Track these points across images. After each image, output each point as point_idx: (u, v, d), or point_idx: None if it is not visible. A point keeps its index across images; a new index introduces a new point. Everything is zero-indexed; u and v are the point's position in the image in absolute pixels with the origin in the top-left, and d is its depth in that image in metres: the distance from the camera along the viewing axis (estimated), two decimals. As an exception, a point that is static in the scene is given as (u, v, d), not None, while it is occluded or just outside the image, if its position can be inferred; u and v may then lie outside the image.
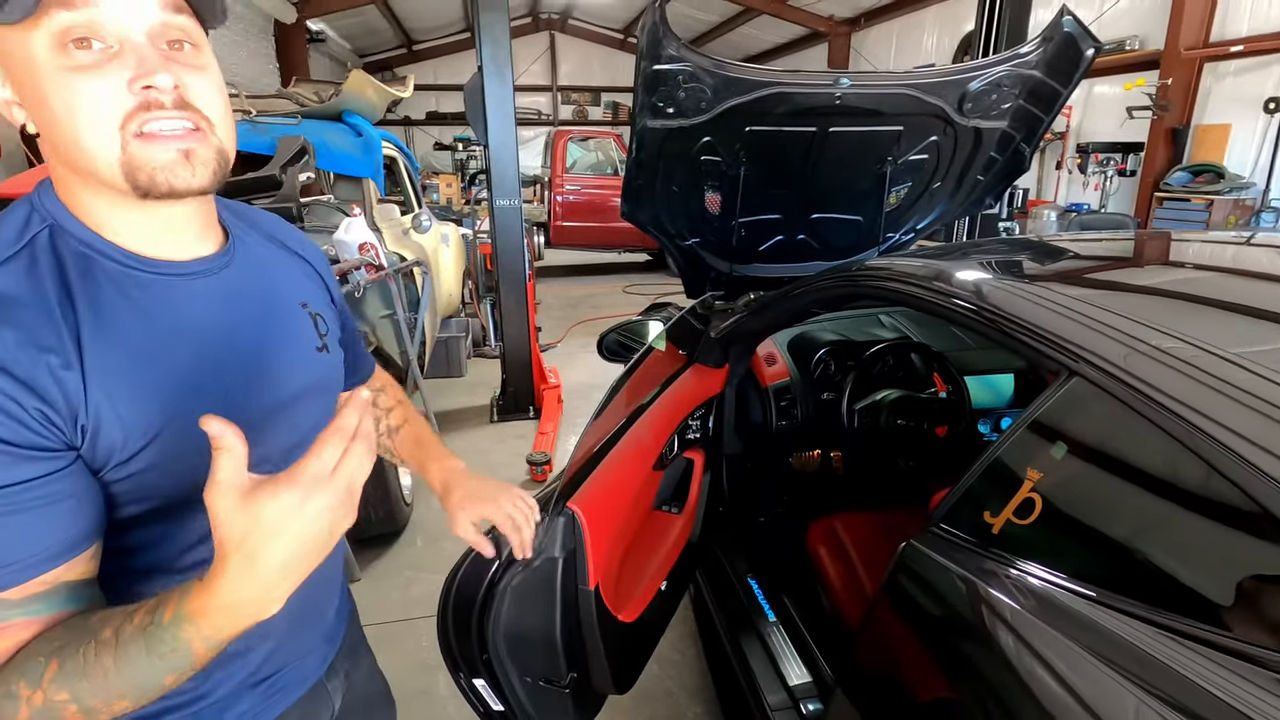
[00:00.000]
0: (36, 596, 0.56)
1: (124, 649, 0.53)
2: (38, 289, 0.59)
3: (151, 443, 0.62)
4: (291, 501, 0.49)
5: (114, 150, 0.58)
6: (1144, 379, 0.75)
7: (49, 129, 0.59)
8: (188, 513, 0.66)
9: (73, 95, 0.56)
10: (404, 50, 14.77)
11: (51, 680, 0.53)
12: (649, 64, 1.76)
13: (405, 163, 4.57)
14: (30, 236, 0.61)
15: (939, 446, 1.93)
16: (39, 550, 0.56)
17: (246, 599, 0.51)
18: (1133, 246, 1.56)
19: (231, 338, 0.70)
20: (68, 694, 0.53)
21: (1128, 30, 6.60)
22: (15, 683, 0.54)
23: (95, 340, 0.60)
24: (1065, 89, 2.03)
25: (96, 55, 0.57)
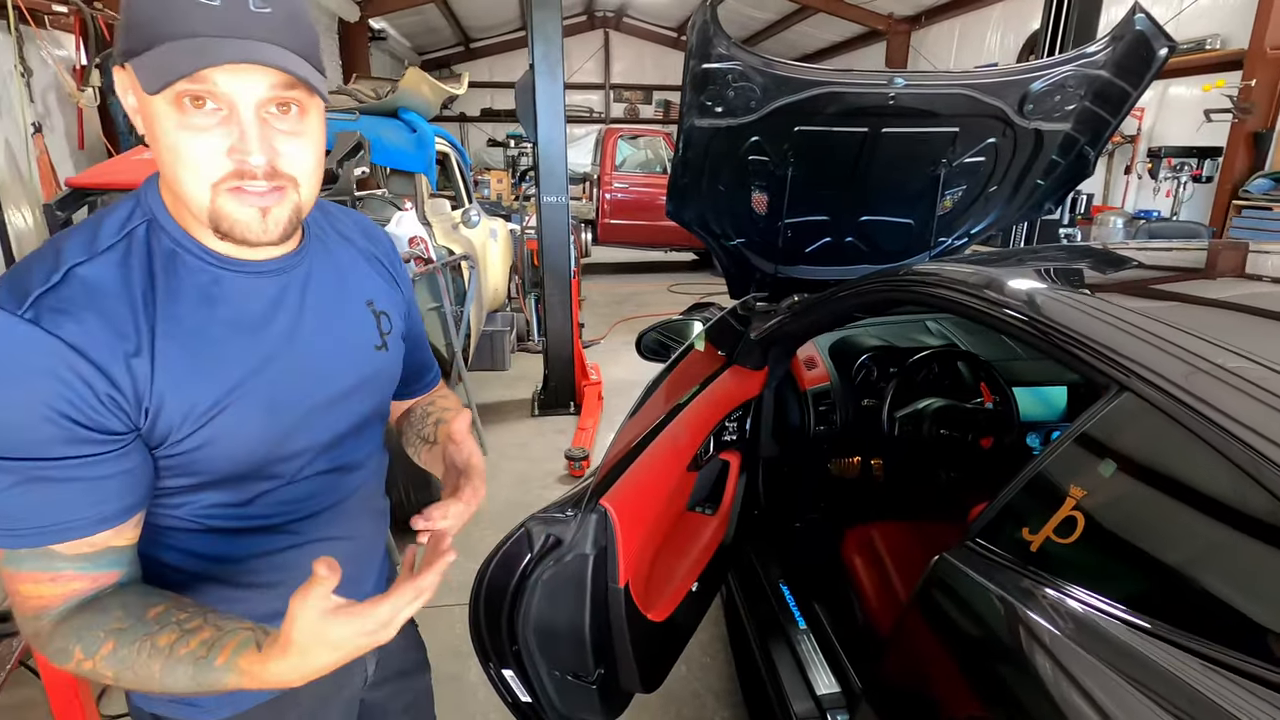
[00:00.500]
0: (85, 555, 0.64)
1: (173, 663, 0.62)
2: (126, 279, 0.65)
3: (204, 426, 0.68)
4: (355, 631, 0.59)
5: (204, 199, 0.65)
6: (1202, 397, 0.71)
7: (156, 156, 0.65)
8: (226, 486, 0.73)
9: (180, 146, 0.63)
10: (462, 48, 15.06)
11: (103, 658, 0.62)
12: (698, 62, 1.76)
13: (457, 158, 4.66)
14: (130, 229, 0.67)
15: (983, 459, 1.87)
16: (92, 514, 0.63)
17: (284, 679, 0.61)
18: (1201, 257, 1.48)
19: (291, 334, 0.74)
20: (112, 673, 0.63)
21: (1208, 29, 6.27)
22: (72, 645, 0.63)
23: (166, 330, 0.66)
24: (1135, 90, 1.94)
25: (207, 117, 0.63)
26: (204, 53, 0.59)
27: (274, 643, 0.60)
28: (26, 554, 0.62)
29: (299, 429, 0.75)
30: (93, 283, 0.63)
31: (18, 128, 4.56)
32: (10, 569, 0.63)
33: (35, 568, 0.63)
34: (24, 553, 0.62)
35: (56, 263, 0.63)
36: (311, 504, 0.81)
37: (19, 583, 0.63)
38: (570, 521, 1.13)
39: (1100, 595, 0.74)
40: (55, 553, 0.63)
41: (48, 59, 4.74)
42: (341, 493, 0.84)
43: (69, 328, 0.61)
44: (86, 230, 0.67)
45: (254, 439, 0.72)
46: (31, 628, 0.64)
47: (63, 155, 4.98)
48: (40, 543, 0.62)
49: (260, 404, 0.71)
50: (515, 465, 3.62)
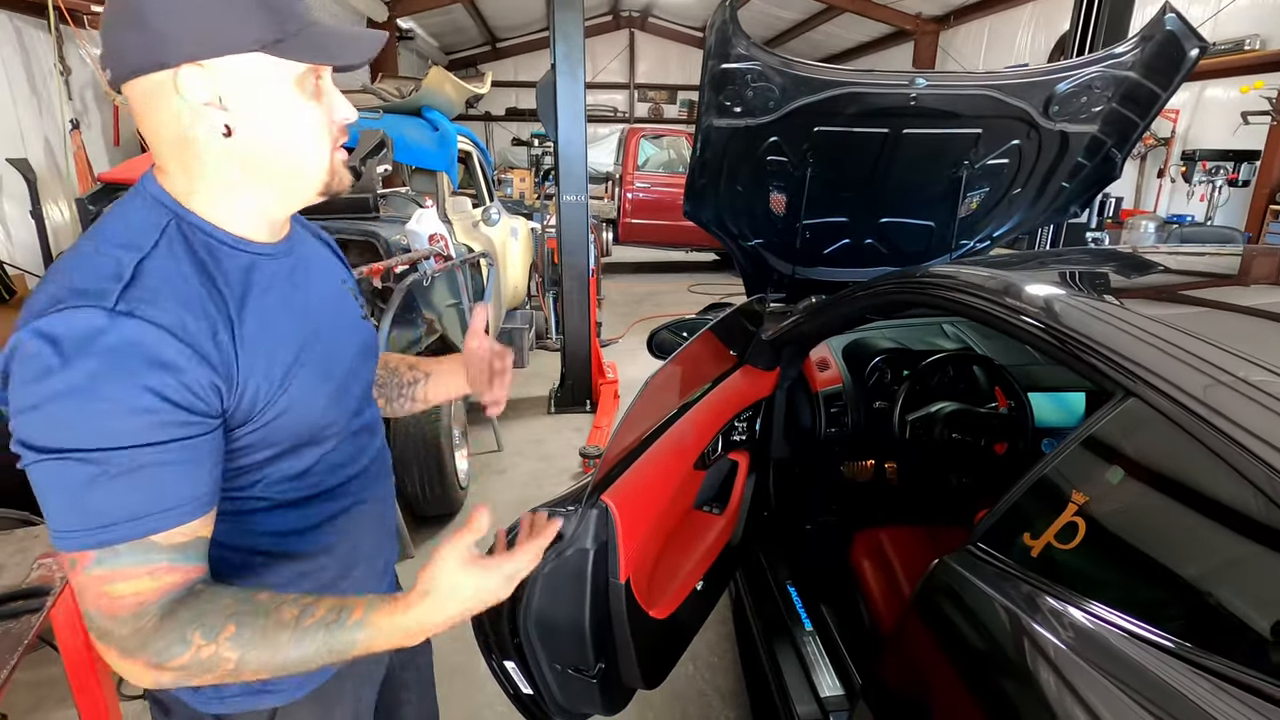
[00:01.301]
0: (179, 546, 0.65)
1: (303, 633, 0.65)
2: (185, 270, 0.68)
3: (282, 394, 0.73)
4: (483, 585, 0.68)
5: (326, 162, 0.75)
6: (1210, 405, 0.70)
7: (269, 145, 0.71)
8: (293, 454, 0.77)
9: (308, 119, 0.72)
10: (488, 48, 15.18)
11: (227, 640, 0.63)
12: (717, 62, 1.76)
13: (479, 157, 4.70)
14: (163, 227, 0.69)
15: (997, 464, 1.84)
16: (189, 495, 0.65)
17: (420, 624, 0.67)
18: (1224, 262, 1.45)
19: (315, 308, 0.81)
20: (236, 655, 0.64)
21: (1247, 29, 6.09)
22: (191, 632, 0.63)
23: (236, 310, 0.70)
24: (1165, 91, 1.90)
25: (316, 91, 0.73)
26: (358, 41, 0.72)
27: (411, 593, 0.67)
28: (125, 549, 0.62)
29: (341, 393, 0.82)
30: (162, 274, 0.66)
31: (56, 125, 4.69)
32: (102, 570, 0.62)
33: (133, 562, 0.62)
34: (123, 548, 0.62)
35: (118, 262, 0.64)
36: (351, 467, 0.86)
37: (115, 581, 0.62)
38: (571, 517, 1.14)
39: (1101, 604, 0.73)
40: (154, 544, 0.63)
41: (86, 57, 4.87)
42: (369, 454, 0.91)
43: (162, 316, 0.63)
44: (117, 233, 0.68)
45: (318, 403, 0.78)
46: (130, 628, 0.63)
47: (99, 151, 5.12)
48: (141, 532, 0.62)
49: (318, 370, 0.77)
50: (530, 462, 3.64)
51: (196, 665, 0.63)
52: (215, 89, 0.67)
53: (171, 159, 0.71)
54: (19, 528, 1.55)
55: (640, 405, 1.22)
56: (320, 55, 0.70)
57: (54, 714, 1.96)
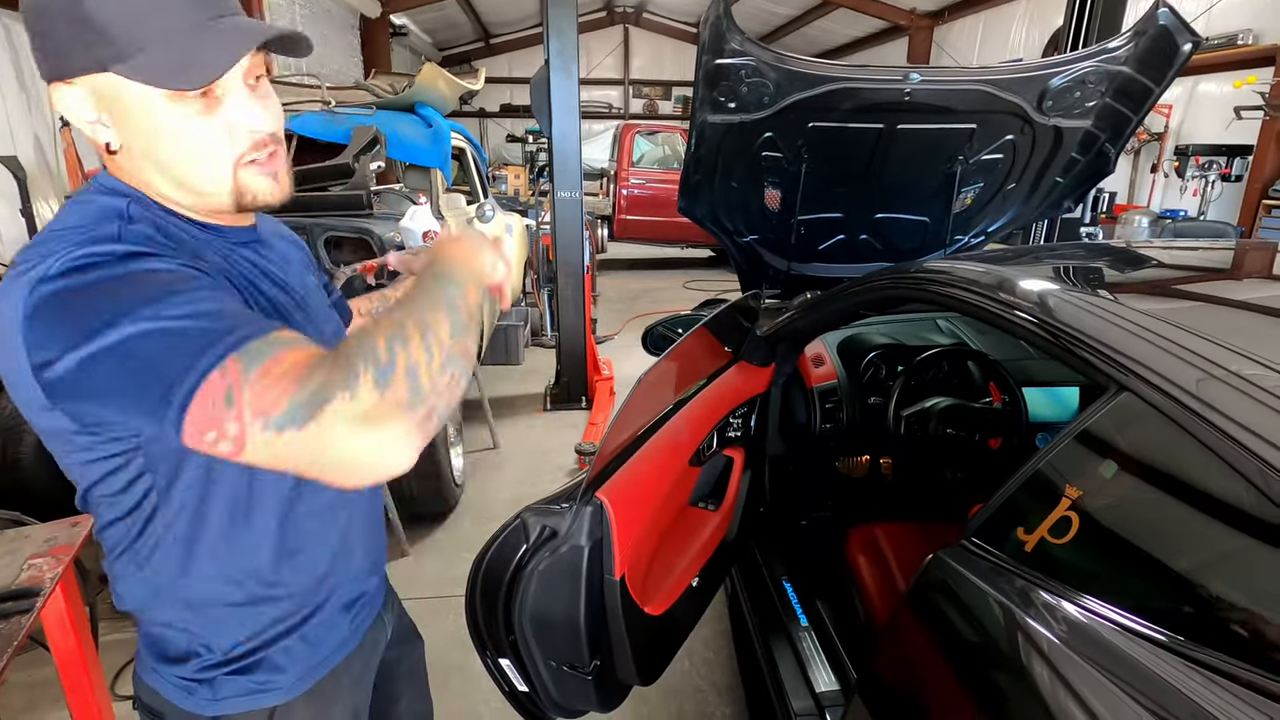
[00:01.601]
0: (299, 337, 0.62)
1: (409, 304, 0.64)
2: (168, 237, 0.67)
3: None
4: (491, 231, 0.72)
5: (227, 182, 0.70)
6: (1203, 399, 0.70)
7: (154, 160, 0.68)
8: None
9: (196, 136, 0.66)
10: (482, 44, 15.12)
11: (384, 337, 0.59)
12: (711, 58, 1.75)
13: (473, 153, 4.68)
14: (125, 208, 0.68)
15: (991, 459, 1.85)
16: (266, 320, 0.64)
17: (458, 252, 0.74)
18: (1216, 256, 1.45)
19: (292, 288, 0.81)
20: (400, 344, 0.59)
21: (1241, 24, 6.11)
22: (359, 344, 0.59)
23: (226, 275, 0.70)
24: (1158, 86, 1.90)
25: (212, 102, 0.66)
26: (236, 43, 0.64)
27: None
28: (259, 345, 0.58)
29: None
30: (148, 237, 0.66)
31: (46, 122, 4.66)
32: (259, 364, 0.56)
33: (276, 349, 0.58)
34: (255, 345, 0.57)
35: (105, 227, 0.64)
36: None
37: (278, 363, 0.57)
38: (565, 513, 1.13)
39: (1095, 598, 0.73)
40: (279, 338, 0.60)
41: (76, 53, 4.83)
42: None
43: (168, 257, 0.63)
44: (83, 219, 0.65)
45: None
46: (320, 376, 0.56)
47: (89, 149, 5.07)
48: (260, 331, 0.59)
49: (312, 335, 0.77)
50: (526, 459, 3.64)
51: (397, 346, 0.58)
52: (91, 106, 0.66)
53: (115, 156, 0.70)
54: (9, 528, 1.54)
55: (635, 402, 1.22)
56: (163, 77, 0.62)
57: (49, 714, 1.95)
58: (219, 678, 0.79)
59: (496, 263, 0.78)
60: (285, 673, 0.82)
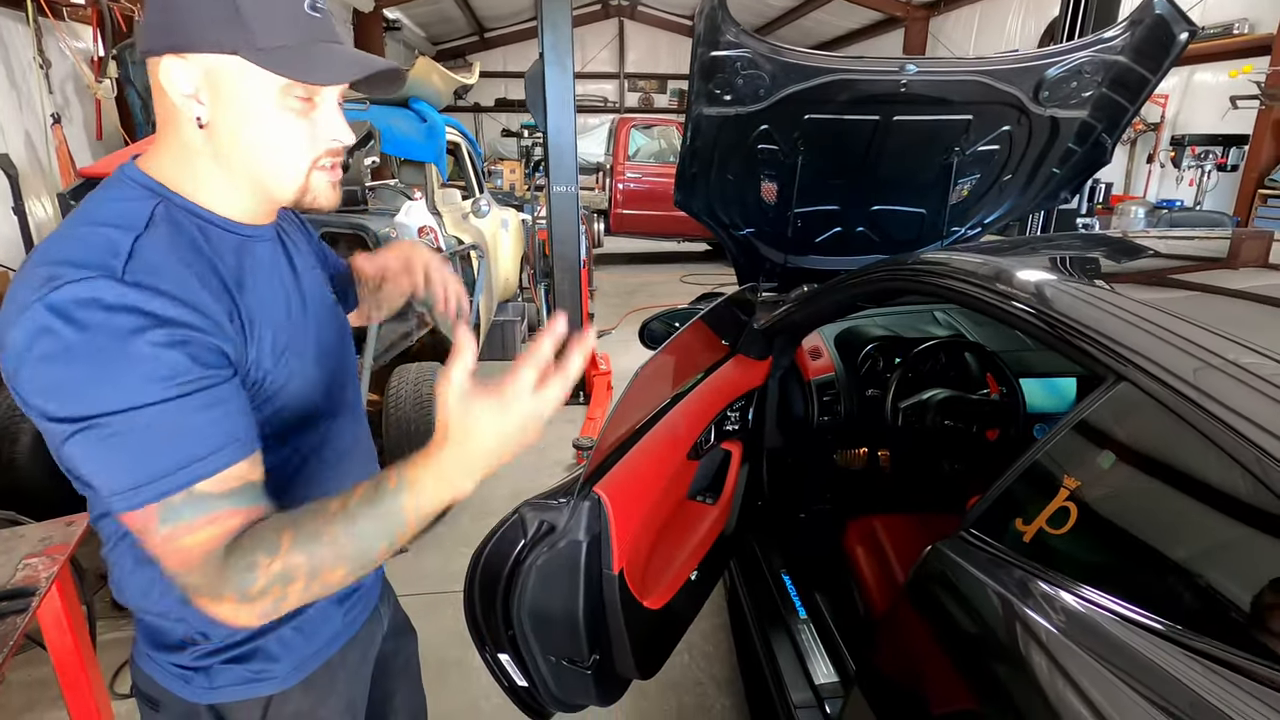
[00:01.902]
0: (234, 490, 0.66)
1: (352, 516, 0.65)
2: (183, 249, 0.69)
3: (279, 375, 0.75)
4: (495, 406, 0.65)
5: (300, 177, 0.74)
6: (1201, 388, 0.70)
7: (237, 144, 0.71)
8: (302, 428, 0.80)
9: (287, 132, 0.72)
10: (476, 38, 15.04)
11: (288, 549, 0.64)
12: (706, 50, 1.74)
13: (468, 148, 4.66)
14: (152, 209, 0.70)
15: (989, 450, 1.85)
16: (224, 439, 0.66)
17: (453, 474, 0.66)
18: (1213, 246, 1.45)
19: (304, 288, 0.83)
20: (304, 557, 0.64)
21: (1236, 13, 6.10)
22: (254, 554, 0.64)
23: (234, 285, 0.72)
24: (1154, 76, 1.89)
25: (308, 106, 0.72)
26: (354, 64, 0.71)
27: (430, 443, 0.66)
28: (181, 501, 0.63)
29: (336, 371, 0.85)
30: (160, 251, 0.66)
31: (37, 119, 4.62)
32: (168, 527, 0.63)
33: (194, 514, 0.63)
34: (178, 500, 0.63)
35: (114, 242, 0.65)
36: (339, 453, 0.87)
37: (181, 536, 0.63)
38: (563, 508, 1.13)
39: (1093, 588, 0.73)
40: (207, 494, 0.64)
41: (66, 51, 4.79)
42: (359, 431, 0.93)
43: (167, 284, 0.64)
44: (105, 216, 0.68)
45: (314, 377, 0.80)
46: (207, 575, 0.64)
47: (81, 146, 5.04)
48: (189, 480, 0.63)
49: (312, 347, 0.80)
50: (523, 454, 3.59)
51: (276, 582, 0.64)
52: (195, 82, 0.69)
53: (163, 143, 0.73)
54: (4, 528, 1.53)
55: (632, 396, 1.22)
56: (296, 71, 0.68)
57: (48, 714, 1.95)
58: (215, 666, 0.80)
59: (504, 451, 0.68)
60: (280, 662, 0.83)
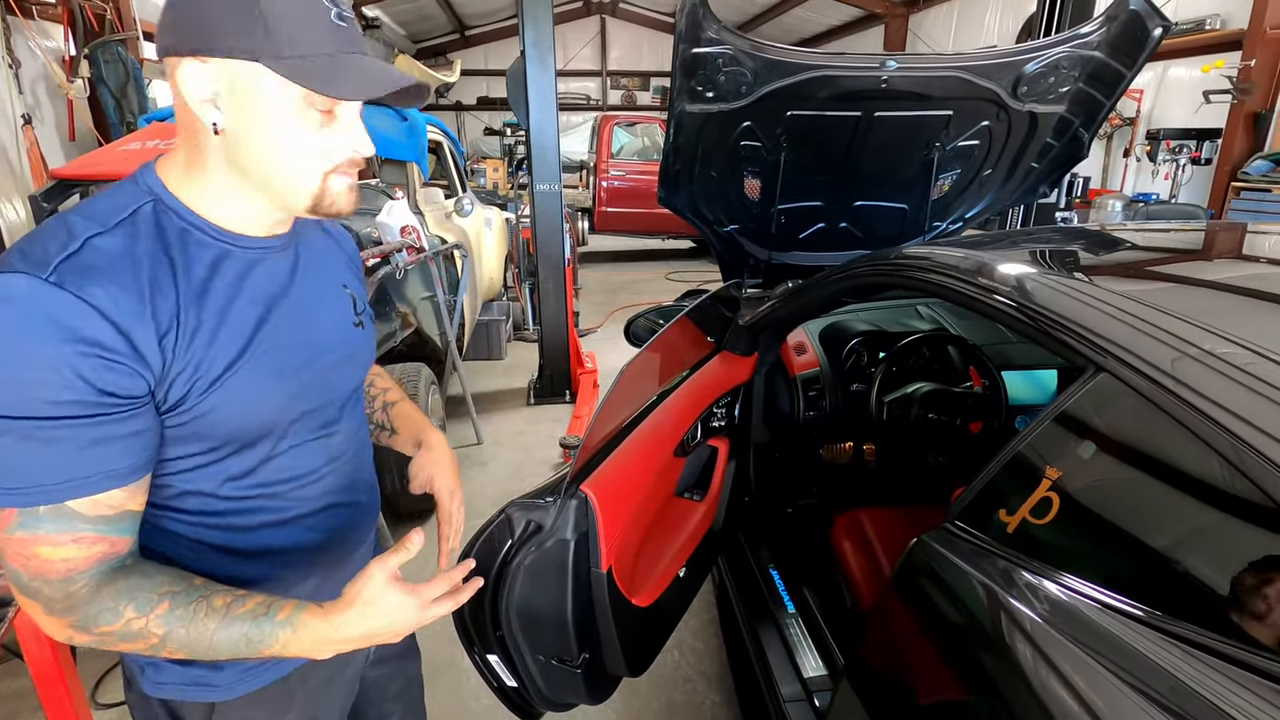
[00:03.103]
0: (105, 518, 0.66)
1: (230, 621, 0.68)
2: (141, 250, 0.67)
3: (217, 389, 0.72)
4: (404, 606, 0.72)
5: (315, 184, 0.73)
6: (1178, 378, 0.71)
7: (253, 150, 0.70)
8: (233, 452, 0.76)
9: (307, 140, 0.71)
10: (457, 35, 14.93)
11: (158, 617, 0.66)
12: (687, 46, 1.74)
13: (450, 147, 4.63)
14: (135, 208, 0.70)
15: (972, 443, 1.87)
16: (100, 471, 0.65)
17: (335, 636, 0.70)
18: (1187, 238, 1.47)
19: (290, 307, 0.79)
20: (164, 631, 0.67)
21: (1208, 8, 6.20)
22: (122, 605, 0.66)
23: (184, 298, 0.69)
24: (1129, 71, 1.92)
25: (328, 116, 0.72)
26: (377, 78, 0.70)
27: (336, 601, 0.71)
28: (46, 513, 0.63)
29: (298, 395, 0.80)
30: (111, 252, 0.65)
31: (7, 120, 4.53)
32: (25, 533, 0.63)
33: (56, 529, 0.64)
34: (43, 512, 0.63)
35: (71, 234, 0.65)
36: (310, 475, 0.84)
37: (39, 545, 0.63)
38: (550, 507, 1.13)
39: (1075, 576, 0.74)
40: (76, 513, 0.64)
41: (36, 50, 4.70)
42: (335, 462, 0.88)
43: (93, 290, 0.62)
44: (89, 209, 0.68)
45: (261, 402, 0.76)
46: (60, 590, 0.65)
47: (53, 147, 4.95)
48: (58, 498, 0.63)
49: (267, 369, 0.75)
50: (510, 454, 3.62)
51: (122, 634, 0.66)
52: (213, 87, 0.68)
53: (180, 142, 0.73)
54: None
55: (618, 394, 1.22)
56: (315, 82, 0.68)
57: (27, 725, 1.92)
58: (161, 662, 0.81)
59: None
60: (222, 672, 0.82)
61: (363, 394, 1.00)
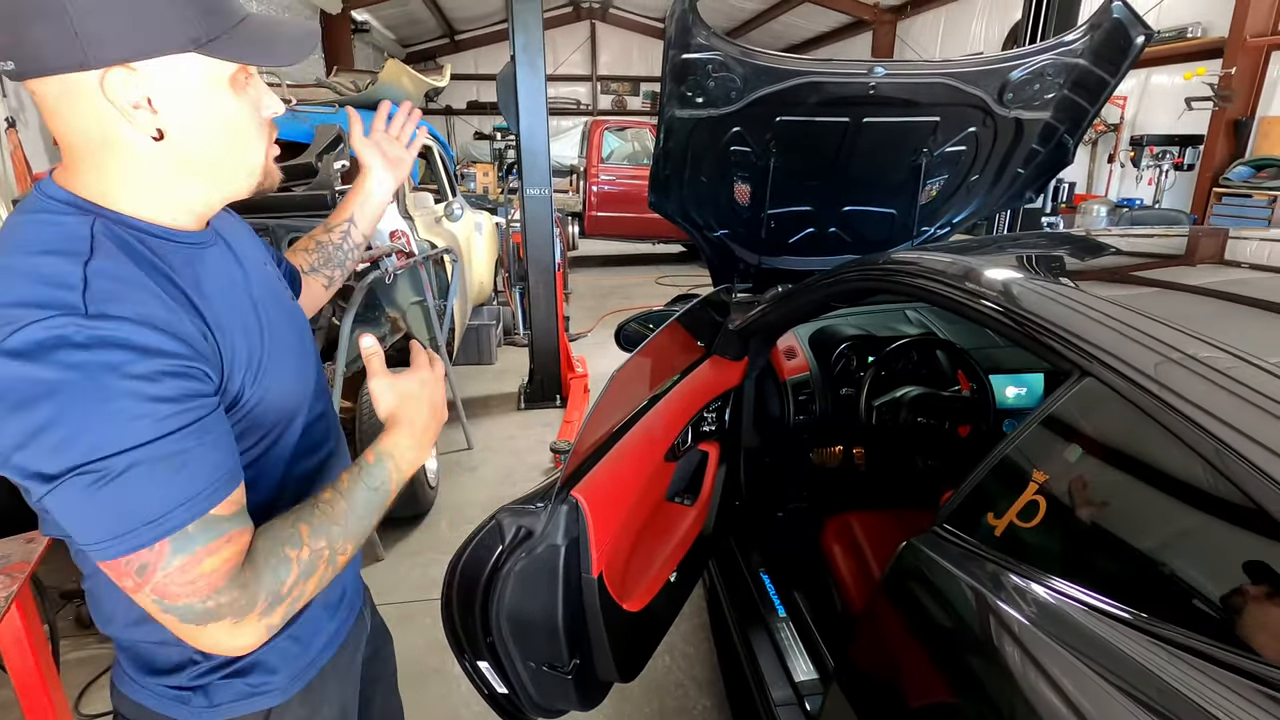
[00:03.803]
0: (237, 512, 0.67)
1: (349, 494, 0.74)
2: (134, 268, 0.64)
3: (258, 378, 0.73)
4: (415, 383, 0.82)
5: (262, 160, 0.74)
6: (1162, 382, 0.72)
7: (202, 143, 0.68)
8: (286, 434, 0.80)
9: (246, 119, 0.71)
10: (446, 40, 14.92)
11: (309, 536, 0.70)
12: (677, 52, 1.75)
13: (440, 151, 4.62)
14: (89, 228, 0.64)
15: (960, 446, 1.88)
16: (230, 467, 0.66)
17: (411, 444, 0.80)
18: (1173, 243, 1.49)
19: (259, 294, 0.79)
20: (324, 540, 0.71)
21: (1190, 17, 6.30)
22: (282, 549, 0.68)
23: (197, 298, 0.68)
24: (1113, 78, 1.95)
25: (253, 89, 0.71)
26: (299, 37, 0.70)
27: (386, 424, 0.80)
28: (195, 530, 0.62)
29: (307, 374, 0.84)
30: (113, 275, 0.61)
31: (-10, 122, 4.47)
32: (183, 557, 0.61)
33: (209, 538, 0.63)
34: (192, 530, 0.62)
35: (63, 272, 0.59)
36: (325, 446, 0.88)
37: (199, 562, 0.62)
38: (541, 513, 1.12)
39: (1062, 579, 0.74)
40: (219, 516, 0.64)
41: (20, 52, 4.65)
42: (334, 433, 0.92)
43: (133, 309, 0.60)
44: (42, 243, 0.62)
45: (290, 387, 0.79)
46: (235, 589, 0.64)
47: (38, 150, 4.89)
48: (204, 509, 0.62)
49: (285, 354, 0.78)
50: (501, 459, 3.61)
51: (303, 573, 0.69)
52: (144, 91, 0.63)
53: (86, 160, 0.66)
54: (-39, 546, 1.47)
55: (608, 399, 1.22)
56: (257, 55, 0.67)
57: (8, 737, 1.89)
58: (214, 683, 0.79)
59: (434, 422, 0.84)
60: (279, 673, 0.82)
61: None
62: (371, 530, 0.76)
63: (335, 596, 0.92)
